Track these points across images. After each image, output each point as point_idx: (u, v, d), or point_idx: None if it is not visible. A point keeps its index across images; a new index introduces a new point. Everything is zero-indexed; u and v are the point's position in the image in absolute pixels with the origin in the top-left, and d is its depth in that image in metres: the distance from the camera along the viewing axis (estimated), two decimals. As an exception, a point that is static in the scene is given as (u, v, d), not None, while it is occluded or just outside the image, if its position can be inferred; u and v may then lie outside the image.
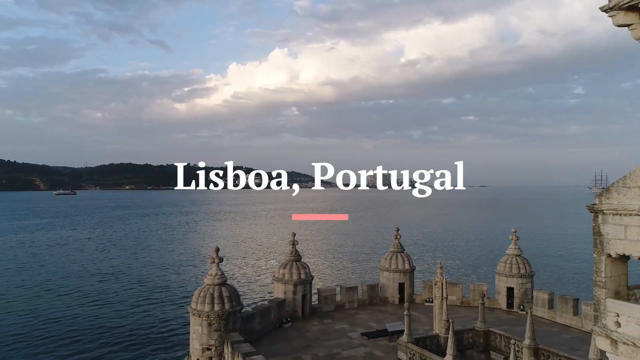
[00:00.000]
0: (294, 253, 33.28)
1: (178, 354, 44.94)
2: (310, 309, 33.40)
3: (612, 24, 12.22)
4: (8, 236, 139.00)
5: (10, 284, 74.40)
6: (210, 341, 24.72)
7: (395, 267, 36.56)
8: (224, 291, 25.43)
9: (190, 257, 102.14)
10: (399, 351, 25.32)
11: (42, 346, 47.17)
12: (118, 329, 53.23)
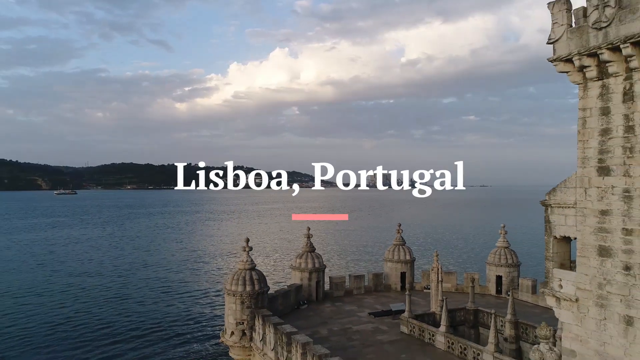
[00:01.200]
0: (309, 245, 37.92)
1: (210, 331, 50.06)
2: (323, 294, 38.08)
3: (556, 71, 16.95)
4: (23, 234, 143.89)
5: (34, 279, 79.19)
6: (243, 316, 29.41)
7: (398, 258, 41.22)
8: (253, 275, 30.12)
9: (202, 253, 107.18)
10: (401, 325, 30.01)
11: (73, 338, 51.83)
12: (147, 315, 58.30)
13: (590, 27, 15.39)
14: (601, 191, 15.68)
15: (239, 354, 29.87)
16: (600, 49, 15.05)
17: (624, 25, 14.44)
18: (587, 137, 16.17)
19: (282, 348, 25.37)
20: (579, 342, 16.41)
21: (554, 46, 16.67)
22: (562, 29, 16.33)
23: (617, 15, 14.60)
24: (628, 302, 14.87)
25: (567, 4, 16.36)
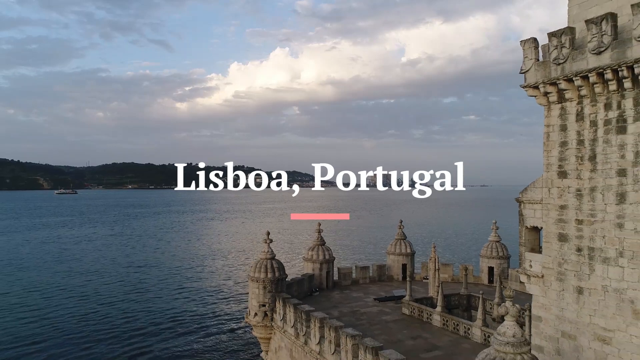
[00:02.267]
0: (320, 239, 42.24)
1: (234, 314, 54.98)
2: (333, 283, 42.41)
3: (527, 95, 21.27)
4: (35, 233, 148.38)
5: (55, 274, 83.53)
6: (265, 299, 33.75)
7: (399, 251, 45.54)
8: (273, 263, 34.46)
9: (211, 250, 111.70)
10: (403, 308, 34.36)
11: (96, 331, 56.05)
12: (170, 306, 63.10)
13: (551, 62, 19.71)
14: (560, 190, 20.02)
15: (262, 332, 34.24)
16: (559, 80, 19.39)
17: (575, 62, 18.77)
18: (550, 148, 20.52)
19: (301, 324, 29.68)
20: (544, 309, 20.75)
21: (525, 75, 20.99)
22: (530, 62, 20.67)
23: (571, 54, 18.93)
24: (579, 276, 19.21)
25: (534, 42, 20.68)
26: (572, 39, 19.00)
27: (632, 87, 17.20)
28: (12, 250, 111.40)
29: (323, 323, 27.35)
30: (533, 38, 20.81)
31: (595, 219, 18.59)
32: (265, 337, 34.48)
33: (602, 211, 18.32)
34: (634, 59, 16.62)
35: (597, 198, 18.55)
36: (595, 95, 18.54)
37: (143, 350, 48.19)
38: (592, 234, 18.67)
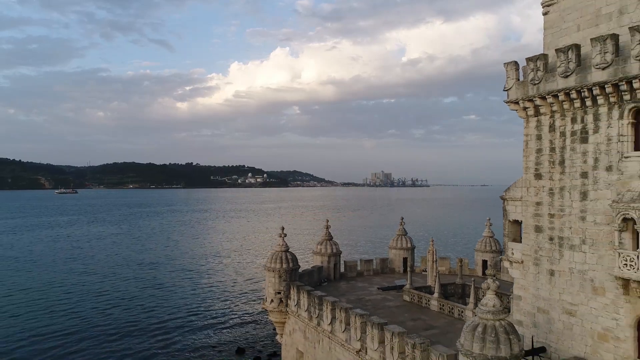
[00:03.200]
0: (328, 234, 46.03)
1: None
2: (340, 274, 46.22)
3: (509, 109, 25.11)
4: (44, 231, 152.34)
5: (70, 272, 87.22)
6: (280, 287, 37.61)
7: (400, 246, 49.36)
8: (288, 255, 38.30)
9: (221, 248, 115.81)
10: (404, 295, 38.20)
11: (119, 323, 59.93)
12: (190, 297, 67.30)
13: (529, 83, 23.57)
14: (536, 189, 23.89)
15: (277, 317, 38.10)
16: (534, 97, 23.25)
17: (548, 83, 22.63)
18: (528, 154, 24.39)
19: (314, 308, 33.53)
20: (523, 289, 24.63)
21: (507, 93, 24.86)
22: (512, 81, 24.53)
23: (544, 77, 22.79)
24: (551, 261, 23.07)
25: (515, 65, 24.54)
26: (545, 63, 22.88)
27: (592, 105, 21.08)
28: (26, 248, 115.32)
29: (334, 305, 31.20)
30: (514, 61, 24.69)
31: (563, 213, 22.47)
32: (280, 321, 38.34)
33: (569, 207, 22.20)
34: (592, 82, 20.49)
35: (565, 196, 22.44)
36: (564, 110, 22.41)
37: (167, 340, 51.80)
38: (561, 226, 22.55)
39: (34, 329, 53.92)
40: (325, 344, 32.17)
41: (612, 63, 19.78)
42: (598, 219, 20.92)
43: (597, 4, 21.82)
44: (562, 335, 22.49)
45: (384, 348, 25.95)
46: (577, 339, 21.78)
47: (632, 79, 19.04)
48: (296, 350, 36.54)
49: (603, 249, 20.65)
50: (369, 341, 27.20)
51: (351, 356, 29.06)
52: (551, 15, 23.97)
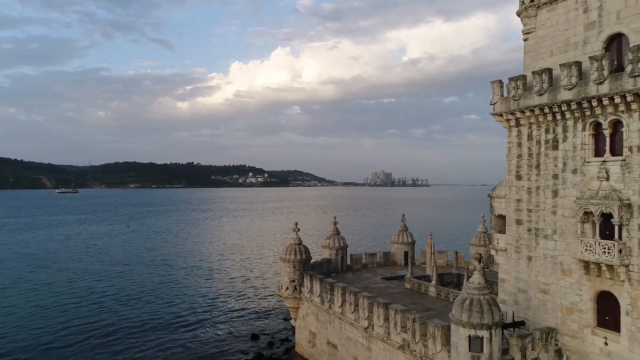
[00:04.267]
0: (335, 230, 50.42)
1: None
2: (346, 266, 50.60)
3: (494, 120, 29.49)
4: (55, 230, 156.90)
5: (87, 267, 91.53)
6: (294, 276, 42.03)
7: (402, 241, 53.74)
8: (301, 248, 42.72)
9: (231, 245, 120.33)
10: (405, 283, 42.61)
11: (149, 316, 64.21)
12: (210, 289, 71.51)
13: (511, 99, 27.96)
14: (517, 188, 28.29)
15: (292, 303, 42.53)
16: (515, 111, 27.64)
17: (526, 100, 27.02)
18: (511, 159, 28.80)
19: (326, 293, 37.94)
20: (507, 273, 29.04)
21: (493, 106, 29.24)
22: (497, 97, 28.92)
23: (523, 94, 27.18)
24: (529, 248, 27.48)
25: (500, 83, 28.92)
26: (524, 83, 27.29)
27: (561, 118, 25.50)
28: (42, 245, 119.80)
29: (344, 290, 35.63)
30: (499, 80, 29.09)
31: (539, 208, 26.90)
32: (294, 307, 42.76)
33: (543, 203, 26.63)
34: (561, 100, 24.91)
35: (540, 194, 26.87)
36: (539, 123, 26.84)
37: (185, 330, 55.72)
38: (537, 219, 26.98)
39: (64, 321, 57.79)
40: (336, 324, 36.61)
41: (576, 85, 24.20)
42: (566, 212, 25.33)
43: (566, 35, 26.25)
44: (538, 310, 26.92)
45: (388, 324, 30.38)
46: (550, 313, 26.21)
47: (591, 99, 23.46)
48: (309, 332, 40.98)
49: (569, 238, 25.07)
50: (375, 319, 31.63)
51: (359, 333, 33.50)
52: (530, 42, 28.39)
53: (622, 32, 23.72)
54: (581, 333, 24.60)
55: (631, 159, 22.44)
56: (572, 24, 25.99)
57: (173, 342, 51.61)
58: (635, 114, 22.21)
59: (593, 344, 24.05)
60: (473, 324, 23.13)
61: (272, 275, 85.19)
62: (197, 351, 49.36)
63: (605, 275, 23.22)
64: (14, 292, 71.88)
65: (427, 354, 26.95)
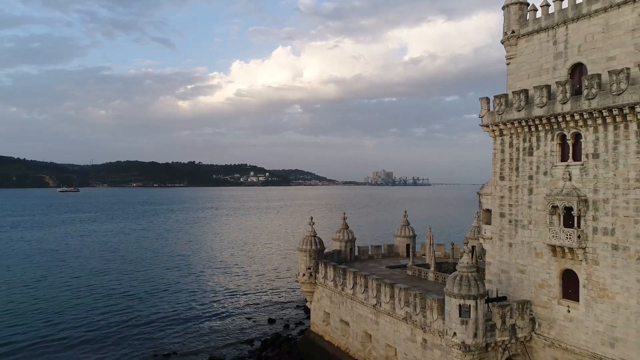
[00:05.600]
0: (344, 224, 56.25)
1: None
2: (354, 257, 56.41)
3: (482, 130, 35.39)
4: (69, 227, 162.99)
5: (110, 262, 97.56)
6: (310, 264, 47.94)
7: (404, 234, 59.56)
8: (316, 239, 48.65)
9: (241, 241, 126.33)
10: (407, 270, 48.50)
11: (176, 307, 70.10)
12: (223, 283, 77.38)
13: (495, 113, 33.84)
14: (501, 187, 34.18)
15: (307, 287, 48.45)
16: (499, 123, 33.50)
17: (507, 114, 32.88)
18: (496, 162, 34.68)
19: (338, 278, 43.85)
20: (492, 257, 34.94)
21: (481, 119, 35.09)
22: (485, 111, 34.78)
23: (505, 109, 33.05)
24: (510, 237, 33.37)
25: (487, 99, 34.76)
26: (506, 100, 33.16)
27: (535, 130, 31.38)
28: (61, 242, 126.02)
29: (355, 274, 41.53)
30: (487, 97, 34.94)
31: (518, 203, 32.79)
32: (310, 291, 48.67)
33: (521, 199, 32.52)
34: (534, 116, 30.78)
35: (519, 192, 32.76)
36: (518, 133, 32.73)
37: (207, 316, 61.75)
38: (516, 212, 32.87)
39: (98, 311, 63.80)
40: (348, 304, 42.53)
41: (546, 104, 30.07)
42: (538, 207, 31.21)
43: (540, 62, 32.14)
44: (517, 287, 32.82)
45: (393, 300, 36.30)
46: (526, 288, 32.11)
47: (558, 115, 29.32)
48: (323, 312, 46.92)
49: (541, 227, 30.94)
50: (382, 297, 37.55)
51: (369, 310, 39.42)
52: (512, 65, 34.29)
53: (582, 62, 29.59)
54: (550, 304, 30.50)
55: (587, 164, 28.33)
56: (544, 53, 31.88)
57: (200, 328, 57.68)
58: (591, 128, 28.09)
59: (559, 312, 29.94)
60: (462, 295, 29.04)
61: (284, 269, 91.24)
62: (222, 334, 55.41)
63: (568, 257, 29.10)
64: (47, 284, 77.95)
65: (426, 323, 32.88)
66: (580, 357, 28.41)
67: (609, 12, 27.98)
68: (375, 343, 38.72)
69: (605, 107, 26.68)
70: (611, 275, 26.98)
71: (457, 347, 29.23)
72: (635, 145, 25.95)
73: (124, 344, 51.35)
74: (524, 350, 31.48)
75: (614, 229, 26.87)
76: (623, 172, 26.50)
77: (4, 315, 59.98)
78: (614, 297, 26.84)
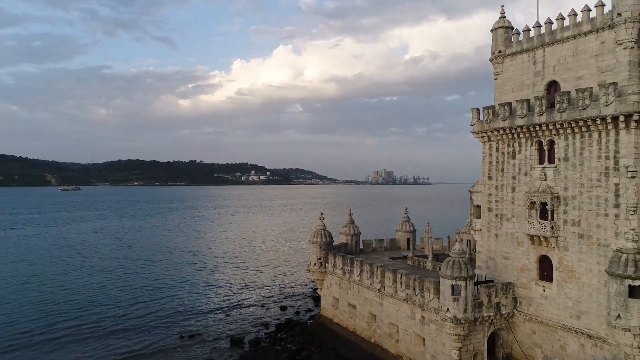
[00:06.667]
0: (351, 219, 61.64)
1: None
2: (359, 250, 61.79)
3: (473, 136, 40.82)
4: (81, 224, 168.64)
5: (127, 257, 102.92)
6: (320, 255, 53.38)
7: (405, 229, 64.94)
8: (325, 232, 54.07)
9: (250, 237, 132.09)
10: (408, 261, 53.90)
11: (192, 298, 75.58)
12: (239, 276, 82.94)
13: (484, 122, 39.23)
14: (489, 186, 39.59)
15: (318, 276, 53.89)
16: (487, 131, 38.90)
17: (494, 123, 38.28)
18: (485, 164, 40.07)
19: (347, 266, 49.27)
20: (481, 246, 40.36)
21: (473, 127, 40.47)
22: (475, 120, 40.17)
23: (492, 119, 38.44)
24: (496, 228, 38.78)
25: (477, 110, 40.13)
26: (493, 111, 38.56)
27: (517, 137, 36.78)
28: (76, 238, 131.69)
29: (362, 262, 46.96)
30: (477, 108, 40.30)
31: (503, 200, 38.21)
32: (320, 279, 54.11)
33: (506, 196, 37.94)
34: (516, 125, 36.19)
35: (504, 190, 38.18)
36: (503, 139, 38.14)
37: (224, 306, 67.20)
38: (502, 207, 38.28)
39: (125, 302, 69.04)
40: (355, 289, 47.97)
41: (526, 115, 35.45)
42: (520, 202, 36.62)
43: (522, 79, 37.54)
44: (502, 271, 38.24)
45: (395, 284, 41.72)
46: (509, 273, 37.52)
47: (535, 125, 34.71)
48: (333, 297, 52.36)
49: (522, 220, 36.35)
50: (386, 281, 42.97)
51: (374, 293, 44.85)
52: (498, 81, 39.68)
53: (556, 80, 34.99)
54: (529, 285, 35.92)
55: (560, 166, 33.74)
56: (525, 71, 37.28)
57: (219, 315, 63.11)
58: (562, 136, 33.49)
59: (536, 291, 35.36)
60: (454, 277, 34.45)
61: (293, 264, 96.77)
62: (239, 319, 60.87)
63: (544, 244, 34.52)
64: (72, 277, 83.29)
65: (424, 302, 38.31)
66: (553, 329, 33.86)
67: (577, 39, 33.37)
68: (380, 322, 44.15)
69: (573, 119, 32.09)
70: (578, 259, 32.41)
71: (450, 321, 34.65)
72: (596, 151, 31.36)
73: (152, 330, 56.54)
74: (507, 324, 36.93)
75: (580, 221, 32.30)
76: (587, 173, 31.92)
77: (41, 305, 65.29)
78: (580, 277, 32.28)
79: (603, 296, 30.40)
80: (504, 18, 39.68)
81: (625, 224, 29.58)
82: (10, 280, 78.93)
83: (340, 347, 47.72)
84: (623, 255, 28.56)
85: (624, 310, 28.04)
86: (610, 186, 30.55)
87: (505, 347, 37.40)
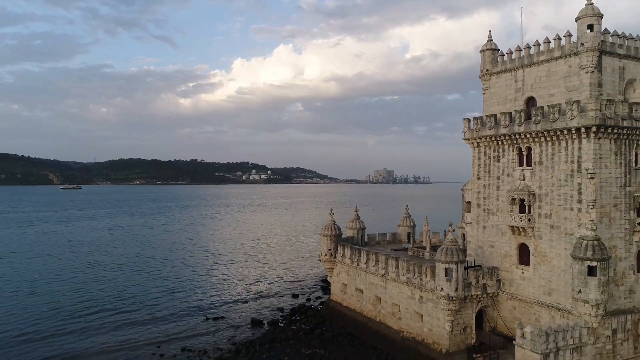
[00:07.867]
0: (357, 215, 68.26)
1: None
2: (364, 242, 68.40)
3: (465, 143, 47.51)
4: (94, 222, 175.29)
5: (142, 253, 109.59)
6: (331, 246, 60.07)
7: (406, 224, 71.52)
8: (335, 226, 60.75)
9: (260, 234, 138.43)
10: (408, 252, 60.56)
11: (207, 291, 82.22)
12: (255, 270, 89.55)
13: (474, 130, 45.87)
14: (478, 185, 46.26)
15: (328, 265, 60.61)
16: (477, 138, 45.54)
17: (482, 131, 44.94)
18: (475, 166, 46.73)
19: (354, 255, 55.94)
20: (471, 237, 47.04)
21: (464, 134, 47.11)
22: (466, 128, 46.81)
23: (481, 128, 45.09)
24: (484, 221, 45.46)
25: (468, 120, 46.76)
26: (481, 121, 45.22)
27: (501, 144, 43.47)
28: (93, 234, 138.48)
29: (368, 252, 53.64)
30: (468, 118, 46.94)
31: (489, 197, 44.90)
32: (330, 267, 60.80)
33: (492, 194, 44.63)
34: (500, 134, 42.87)
35: (490, 188, 44.87)
36: (490, 145, 44.83)
37: (240, 294, 74.03)
38: (488, 203, 44.98)
39: (153, 291, 75.82)
40: (362, 275, 54.67)
41: (508, 125, 42.11)
42: (503, 199, 43.28)
43: (506, 93, 44.21)
44: (488, 258, 44.92)
45: (398, 270, 48.40)
46: (495, 258, 44.21)
47: (516, 134, 41.38)
48: (341, 284, 59.08)
49: (505, 213, 43.02)
50: (389, 268, 49.65)
51: (379, 278, 51.54)
52: (486, 95, 46.35)
53: (533, 96, 41.66)
54: (511, 268, 42.60)
55: (535, 169, 40.41)
56: (508, 88, 43.94)
57: (239, 302, 69.70)
58: (537, 144, 40.14)
59: (516, 274, 42.03)
60: (447, 261, 41.12)
61: (301, 258, 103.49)
62: (257, 305, 67.64)
63: (522, 234, 41.18)
64: (99, 270, 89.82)
65: (422, 284, 44.99)
66: (530, 305, 40.55)
67: (550, 63, 40.03)
68: (384, 303, 50.84)
69: (545, 129, 38.74)
70: (549, 246, 39.10)
71: (444, 298, 41.30)
72: (564, 156, 38.02)
73: (182, 316, 63.07)
74: (492, 303, 43.62)
75: (551, 214, 38.98)
76: (557, 175, 38.59)
77: (77, 296, 71.73)
78: (550, 260, 38.97)
79: (569, 276, 37.04)
80: (491, 41, 46.29)
81: (585, 216, 36.24)
82: (43, 273, 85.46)
83: (349, 325, 54.43)
84: (584, 242, 35.16)
85: (584, 286, 34.68)
86: (574, 185, 37.22)
87: (491, 322, 44.11)
